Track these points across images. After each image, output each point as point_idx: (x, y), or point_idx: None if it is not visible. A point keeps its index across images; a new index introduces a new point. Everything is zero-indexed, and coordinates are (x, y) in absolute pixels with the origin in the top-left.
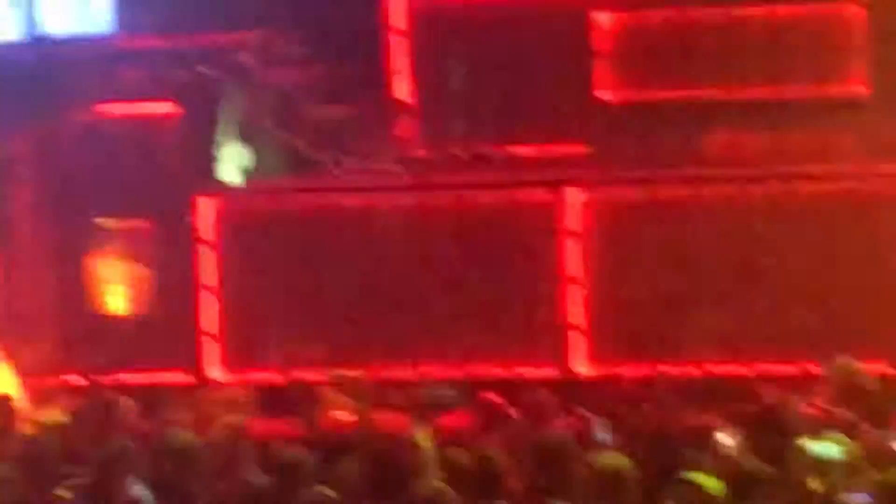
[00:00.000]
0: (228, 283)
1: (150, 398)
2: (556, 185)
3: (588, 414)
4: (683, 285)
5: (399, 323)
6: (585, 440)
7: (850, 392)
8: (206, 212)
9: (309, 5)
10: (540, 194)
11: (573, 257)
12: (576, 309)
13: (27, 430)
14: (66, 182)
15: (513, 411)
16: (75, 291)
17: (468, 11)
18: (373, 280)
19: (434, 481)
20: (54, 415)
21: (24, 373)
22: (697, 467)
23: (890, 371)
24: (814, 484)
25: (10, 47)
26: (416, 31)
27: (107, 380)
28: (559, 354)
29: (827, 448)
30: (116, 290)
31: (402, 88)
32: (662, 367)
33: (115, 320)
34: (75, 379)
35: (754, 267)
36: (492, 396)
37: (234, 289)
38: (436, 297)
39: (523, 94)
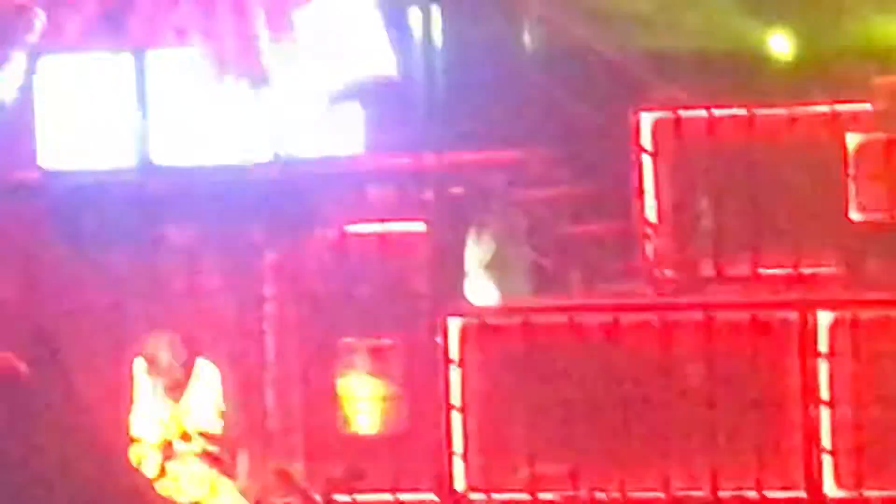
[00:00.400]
0: (475, 401)
1: None
2: (805, 306)
3: None
4: None
5: (644, 442)
6: None
7: None
8: (454, 331)
9: (558, 125)
10: (789, 315)
11: (822, 378)
12: (825, 430)
13: None
14: (314, 300)
15: None
16: (323, 408)
17: (717, 131)
18: (617, 399)
19: None
20: None
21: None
22: None
23: None
24: None
25: (259, 167)
26: (664, 150)
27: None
28: (808, 476)
29: None
30: (364, 409)
31: (651, 208)
32: None
33: (362, 438)
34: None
35: None
36: None
37: (480, 408)
38: (681, 416)
39: (773, 213)
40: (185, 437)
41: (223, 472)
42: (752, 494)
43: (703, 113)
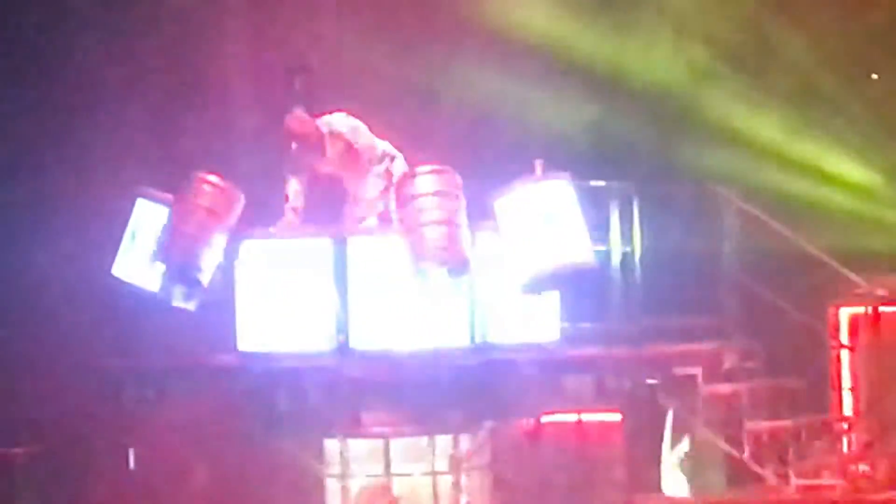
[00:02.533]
0: None
1: None
2: None
3: None
4: None
5: None
6: None
7: None
8: None
9: (755, 319)
10: None
11: None
12: None
13: None
14: (509, 487)
15: None
16: None
17: None
18: None
19: None
20: None
21: None
22: None
23: None
24: None
25: (457, 353)
26: (861, 345)
27: None
28: None
29: None
30: None
31: (847, 403)
32: None
33: None
34: None
35: None
36: None
37: None
38: None
39: None
40: None
41: None
42: None
43: None
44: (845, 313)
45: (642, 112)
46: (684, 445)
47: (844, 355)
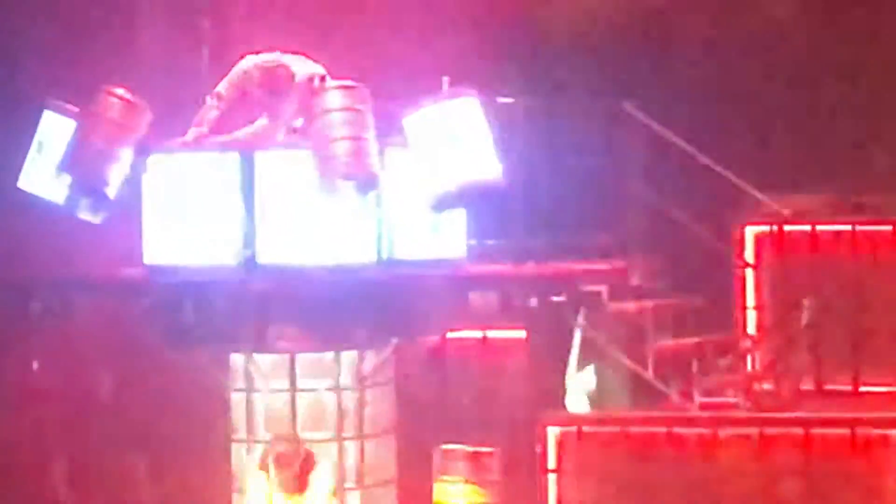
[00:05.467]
0: None
1: None
2: None
3: None
4: None
5: None
6: None
7: None
8: (552, 440)
9: (661, 237)
10: (888, 433)
11: None
12: None
13: None
14: (413, 404)
15: None
16: None
17: (820, 247)
18: None
19: None
20: None
21: None
22: None
23: None
24: None
25: (363, 268)
26: (766, 264)
27: None
28: None
29: None
30: None
31: (752, 321)
32: None
33: None
34: None
35: None
36: None
37: None
38: None
39: (874, 330)
40: None
41: None
42: None
43: (806, 228)
44: (750, 232)
45: (549, 28)
46: (588, 363)
47: (749, 274)
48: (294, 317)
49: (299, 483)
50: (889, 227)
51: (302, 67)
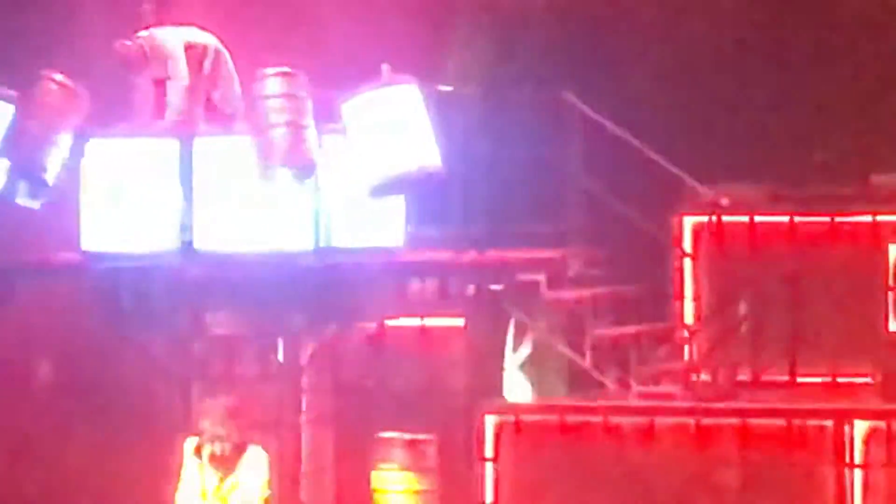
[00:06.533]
0: (508, 498)
1: None
2: (841, 415)
3: None
4: None
5: None
6: None
7: None
8: (489, 428)
9: (599, 227)
10: (824, 424)
11: (856, 488)
12: None
13: None
14: (350, 392)
15: None
16: (357, 500)
17: (757, 237)
18: (651, 502)
19: None
20: None
21: None
22: None
23: None
24: None
25: (301, 257)
26: (704, 254)
27: None
28: None
29: None
30: (397, 502)
31: (689, 311)
32: None
33: None
34: None
35: None
36: None
37: None
38: None
39: (812, 321)
40: None
41: None
42: None
43: (744, 218)
44: (689, 222)
45: (490, 16)
46: (526, 351)
47: (687, 264)
48: (231, 303)
49: (230, 465)
50: (827, 219)
51: (202, 38)
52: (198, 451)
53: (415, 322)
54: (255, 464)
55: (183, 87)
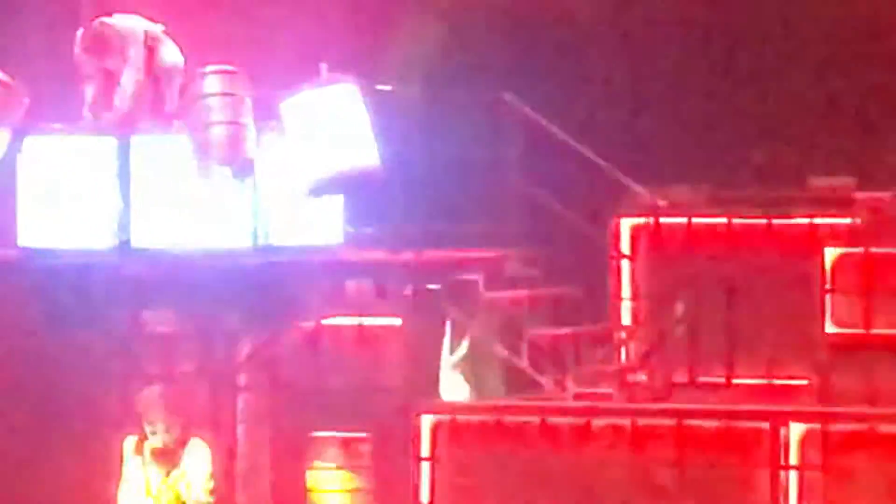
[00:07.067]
0: (444, 498)
1: None
2: (776, 417)
3: None
4: None
5: None
6: None
7: None
8: (426, 428)
9: (537, 227)
10: (760, 426)
11: (791, 490)
12: None
13: None
14: (287, 390)
15: None
16: (292, 499)
17: (695, 239)
18: (588, 501)
19: None
20: None
21: None
22: None
23: None
24: None
25: (238, 255)
26: (642, 255)
27: None
28: None
29: None
30: (333, 501)
31: (626, 312)
32: None
33: None
34: None
35: None
36: None
37: None
38: None
39: (748, 323)
40: None
41: None
42: None
43: (682, 220)
44: (626, 224)
45: (430, 16)
46: (463, 351)
47: (625, 265)
48: (169, 301)
49: (174, 458)
50: (764, 221)
51: (157, 29)
52: (139, 448)
53: (352, 321)
54: (199, 455)
55: (137, 76)
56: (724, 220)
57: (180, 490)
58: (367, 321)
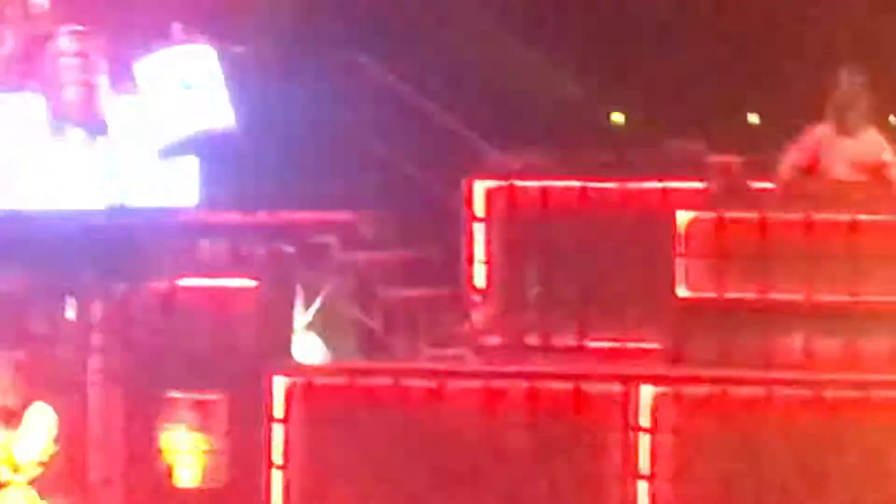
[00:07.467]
0: (297, 459)
1: None
2: (628, 380)
3: None
4: (752, 486)
5: None
6: None
7: None
8: (279, 389)
9: (391, 189)
10: (612, 388)
11: (642, 453)
12: None
13: None
14: (140, 351)
15: None
16: (145, 460)
17: (549, 202)
18: (440, 464)
19: None
20: None
21: None
22: None
23: None
24: None
25: (91, 216)
26: (495, 218)
27: None
28: None
29: None
30: (185, 462)
31: (480, 275)
32: None
33: (183, 492)
34: None
35: (823, 474)
36: None
37: (301, 465)
38: (502, 484)
39: (601, 287)
40: (15, 468)
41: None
42: None
43: (535, 183)
44: (480, 186)
45: None
46: (316, 313)
47: (478, 228)
48: (21, 261)
49: (15, 420)
50: (616, 185)
51: None
52: None
53: (206, 282)
54: (41, 419)
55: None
56: (577, 183)
57: (13, 453)
58: (221, 282)
